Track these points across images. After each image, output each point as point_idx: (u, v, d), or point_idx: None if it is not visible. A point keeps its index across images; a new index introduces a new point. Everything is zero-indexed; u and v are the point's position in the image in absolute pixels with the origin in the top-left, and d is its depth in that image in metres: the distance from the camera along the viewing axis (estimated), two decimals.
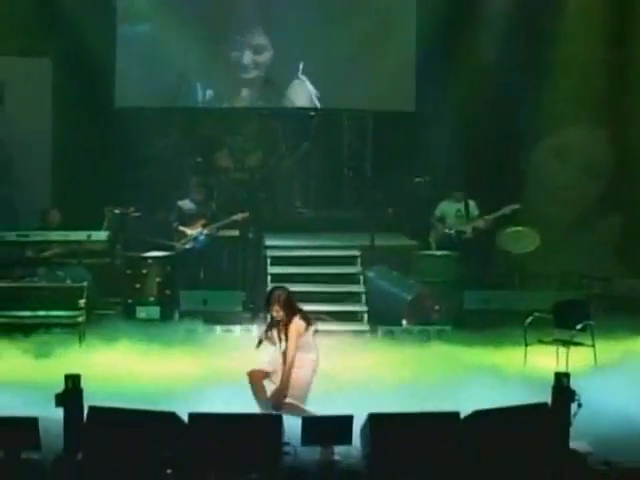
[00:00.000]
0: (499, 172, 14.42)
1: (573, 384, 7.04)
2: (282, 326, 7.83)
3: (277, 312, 7.86)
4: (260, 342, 7.94)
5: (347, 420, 6.83)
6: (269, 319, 8.01)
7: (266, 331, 7.96)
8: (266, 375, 7.86)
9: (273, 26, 14.37)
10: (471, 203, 12.98)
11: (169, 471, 6.56)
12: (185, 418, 6.71)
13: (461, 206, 12.98)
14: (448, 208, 13.03)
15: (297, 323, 7.80)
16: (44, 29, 13.63)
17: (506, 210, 12.80)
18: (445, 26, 13.80)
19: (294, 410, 7.50)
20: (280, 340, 7.85)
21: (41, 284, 11.50)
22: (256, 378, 7.83)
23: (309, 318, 7.94)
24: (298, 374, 7.74)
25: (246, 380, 7.81)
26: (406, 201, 13.76)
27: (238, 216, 12.68)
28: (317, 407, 7.27)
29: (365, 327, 11.74)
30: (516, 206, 12.82)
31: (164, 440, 6.65)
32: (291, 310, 7.85)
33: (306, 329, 7.84)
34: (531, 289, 12.85)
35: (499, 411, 6.99)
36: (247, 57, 14.28)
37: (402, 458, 6.71)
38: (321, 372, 8.97)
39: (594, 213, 14.34)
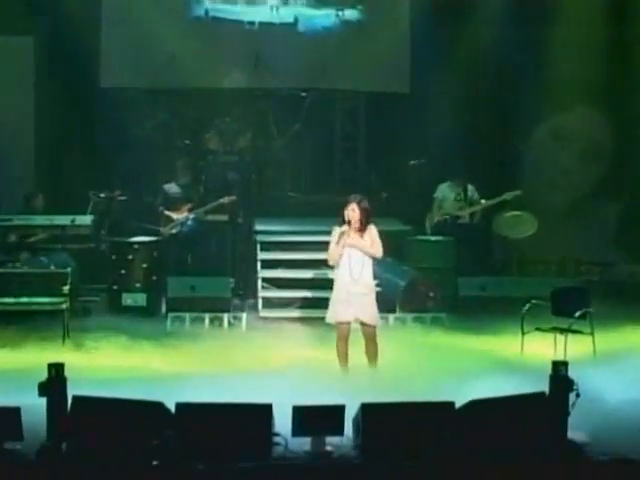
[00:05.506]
0: (496, 155, 14.39)
1: (571, 373, 6.95)
2: (351, 227, 8.52)
3: (353, 211, 8.53)
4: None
5: (339, 410, 6.74)
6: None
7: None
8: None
9: (264, 6, 14.18)
10: (470, 188, 12.87)
11: (156, 461, 6.48)
12: (172, 408, 6.65)
13: (461, 190, 12.84)
14: (448, 191, 12.90)
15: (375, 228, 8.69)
16: (25, 6, 13.40)
17: (507, 196, 12.74)
18: (441, 6, 13.69)
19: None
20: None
21: (24, 270, 11.31)
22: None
23: None
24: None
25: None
26: (400, 185, 13.62)
27: (225, 199, 12.53)
28: (308, 397, 7.10)
29: None
30: (518, 192, 12.73)
31: (151, 430, 6.58)
32: (368, 217, 8.62)
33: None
34: (529, 275, 12.83)
35: (495, 401, 6.90)
36: (237, 34, 14.08)
37: (395, 449, 6.61)
38: (312, 361, 8.94)
39: (593, 198, 14.29)
